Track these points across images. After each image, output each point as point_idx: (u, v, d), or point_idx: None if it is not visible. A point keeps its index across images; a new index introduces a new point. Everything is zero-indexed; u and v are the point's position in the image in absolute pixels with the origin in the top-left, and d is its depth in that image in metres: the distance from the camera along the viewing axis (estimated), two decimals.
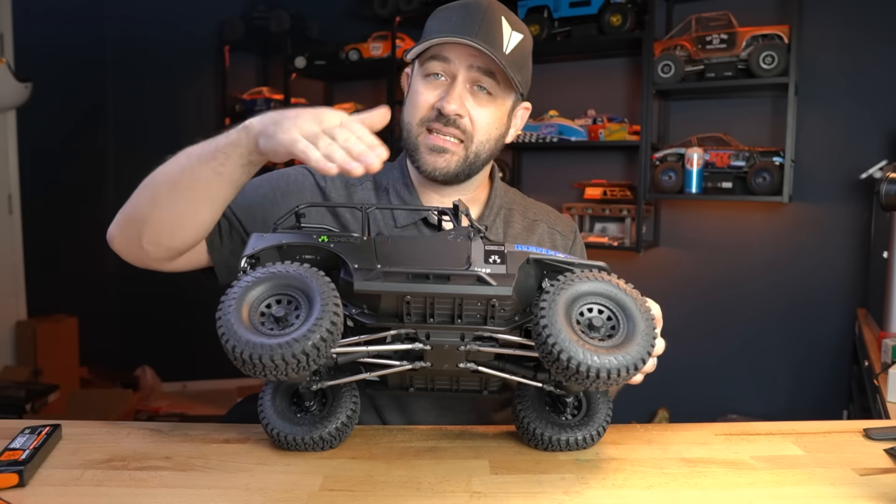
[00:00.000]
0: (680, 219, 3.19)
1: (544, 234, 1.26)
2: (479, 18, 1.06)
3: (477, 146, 1.12)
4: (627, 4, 2.95)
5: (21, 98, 3.22)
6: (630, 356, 0.76)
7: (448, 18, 1.09)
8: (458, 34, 1.05)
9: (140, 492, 0.80)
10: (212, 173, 0.93)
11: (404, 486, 0.81)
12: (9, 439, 0.89)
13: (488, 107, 1.11)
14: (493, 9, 1.08)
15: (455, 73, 1.09)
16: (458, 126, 1.10)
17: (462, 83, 1.09)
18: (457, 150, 1.11)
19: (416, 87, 1.13)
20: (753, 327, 3.01)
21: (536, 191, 3.31)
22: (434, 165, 1.12)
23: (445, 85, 1.10)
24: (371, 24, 3.70)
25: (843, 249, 2.81)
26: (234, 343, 0.73)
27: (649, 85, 2.92)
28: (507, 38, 1.07)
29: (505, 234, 1.22)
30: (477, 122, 1.11)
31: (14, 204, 3.51)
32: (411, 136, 1.13)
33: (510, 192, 1.31)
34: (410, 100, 1.14)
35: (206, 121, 4.33)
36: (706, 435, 1.02)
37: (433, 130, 1.11)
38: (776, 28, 2.70)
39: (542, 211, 1.30)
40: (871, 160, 2.64)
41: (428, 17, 1.15)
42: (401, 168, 1.22)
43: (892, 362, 1.60)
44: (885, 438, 1.00)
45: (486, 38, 1.05)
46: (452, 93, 1.08)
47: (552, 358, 0.76)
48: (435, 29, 1.09)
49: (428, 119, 1.11)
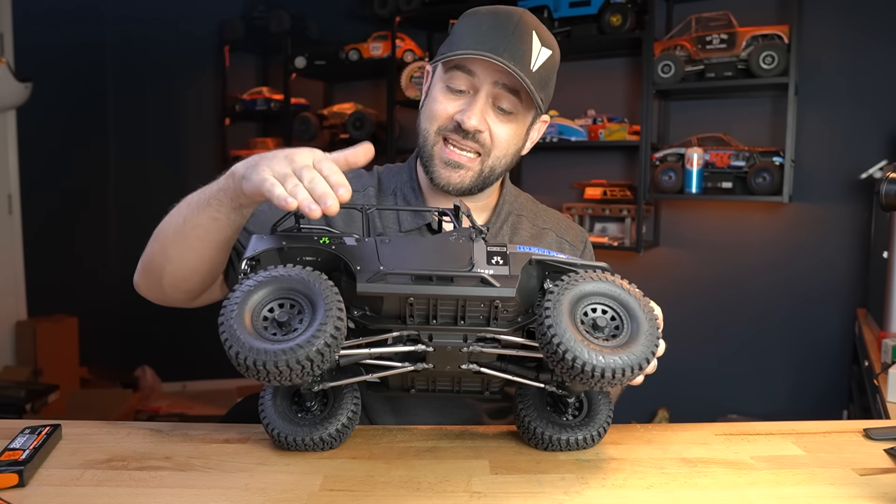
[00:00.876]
0: (680, 219, 3.19)
1: (552, 244, 1.24)
2: (510, 31, 1.03)
3: (493, 161, 1.11)
4: (627, 4, 2.95)
5: (21, 98, 3.22)
6: (634, 356, 0.76)
7: (479, 26, 1.05)
8: (487, 48, 1.02)
9: (140, 492, 0.80)
10: (209, 220, 0.96)
11: (404, 486, 0.81)
12: (9, 439, 0.89)
13: (509, 124, 1.09)
14: (524, 22, 1.05)
15: (479, 87, 1.06)
16: (477, 140, 1.08)
17: (484, 98, 1.06)
18: (472, 165, 1.10)
19: (437, 94, 1.10)
20: (753, 327, 3.01)
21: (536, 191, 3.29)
22: (448, 180, 1.10)
23: (467, 98, 1.07)
24: (371, 24, 3.70)
25: (843, 249, 2.81)
26: (237, 349, 0.73)
27: (649, 85, 2.92)
28: (535, 55, 1.05)
29: (511, 240, 1.20)
30: (496, 138, 1.09)
31: (14, 204, 3.51)
32: (427, 144, 1.11)
33: (521, 197, 1.29)
34: (429, 106, 1.12)
35: (206, 121, 4.33)
36: (706, 435, 1.02)
37: (450, 141, 1.09)
38: (776, 28, 2.70)
39: (552, 219, 1.28)
40: (871, 160, 2.64)
41: (458, 19, 1.12)
42: (409, 172, 1.21)
43: (892, 362, 1.60)
44: (885, 438, 1.00)
45: (514, 55, 1.02)
46: (474, 107, 1.06)
47: (557, 358, 0.76)
48: (464, 36, 1.05)
49: (446, 129, 1.09)
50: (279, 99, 4.05)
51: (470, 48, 1.03)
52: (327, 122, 3.90)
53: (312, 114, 3.92)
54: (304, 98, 4.09)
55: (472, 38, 1.04)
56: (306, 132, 3.87)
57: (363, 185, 1.21)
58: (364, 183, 1.22)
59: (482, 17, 1.07)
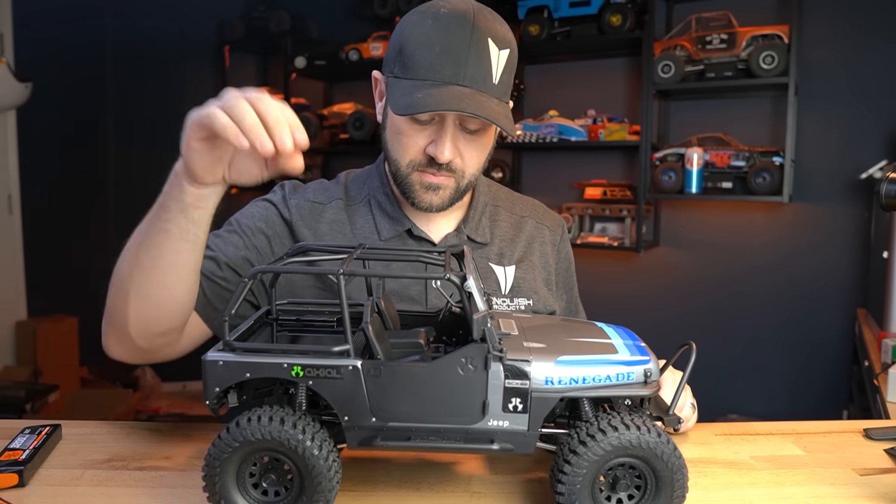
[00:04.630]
0: (680, 219, 3.19)
1: (533, 231, 1.24)
2: (466, 48, 0.96)
3: (469, 178, 1.09)
4: (627, 4, 2.95)
5: (21, 98, 3.22)
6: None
7: (431, 48, 0.97)
8: (443, 78, 0.96)
9: (140, 492, 0.80)
10: (161, 235, 0.87)
11: (404, 486, 0.81)
12: (9, 439, 0.89)
13: (478, 140, 1.06)
14: (478, 29, 0.97)
15: (444, 116, 1.01)
16: (451, 168, 1.05)
17: (452, 127, 1.02)
18: (449, 183, 1.07)
19: (401, 125, 1.04)
20: (753, 327, 3.01)
21: (536, 191, 3.31)
22: (430, 202, 1.08)
23: (433, 127, 1.03)
24: (371, 24, 3.71)
25: (843, 249, 2.81)
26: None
27: (649, 85, 2.91)
28: (495, 65, 0.99)
29: (492, 234, 1.20)
30: (467, 159, 1.06)
31: (14, 204, 3.51)
32: (402, 176, 1.07)
33: (493, 187, 1.28)
34: (395, 137, 1.06)
35: None
36: (706, 435, 1.02)
37: (426, 173, 1.07)
38: (776, 28, 2.70)
39: (529, 206, 1.28)
40: (871, 160, 2.64)
41: (403, 22, 1.04)
42: (380, 177, 1.17)
43: (892, 362, 1.61)
44: (885, 438, 1.00)
45: (475, 77, 0.97)
46: (444, 141, 1.01)
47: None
48: (417, 59, 0.98)
49: (419, 163, 1.05)
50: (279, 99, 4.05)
51: (427, 85, 0.97)
52: (327, 122, 3.89)
53: (312, 114, 3.92)
54: (304, 98, 4.08)
55: (427, 66, 0.97)
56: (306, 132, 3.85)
57: (329, 197, 1.17)
58: (330, 195, 1.17)
59: (433, 34, 0.98)
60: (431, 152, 1.03)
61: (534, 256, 1.21)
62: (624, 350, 0.76)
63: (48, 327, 3.49)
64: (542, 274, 1.21)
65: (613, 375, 0.73)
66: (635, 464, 0.70)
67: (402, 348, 0.78)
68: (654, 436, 0.69)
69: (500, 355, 0.70)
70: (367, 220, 1.15)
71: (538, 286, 1.19)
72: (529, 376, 0.71)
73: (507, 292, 1.16)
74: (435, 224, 1.16)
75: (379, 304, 0.84)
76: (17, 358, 3.46)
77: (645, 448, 0.69)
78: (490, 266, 1.16)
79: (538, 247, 1.23)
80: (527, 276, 1.18)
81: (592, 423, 0.71)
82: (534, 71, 3.42)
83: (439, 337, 0.89)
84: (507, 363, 0.71)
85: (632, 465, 0.71)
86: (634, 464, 0.70)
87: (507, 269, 1.17)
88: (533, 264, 1.20)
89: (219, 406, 0.73)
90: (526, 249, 1.21)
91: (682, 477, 0.70)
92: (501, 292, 1.15)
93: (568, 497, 0.70)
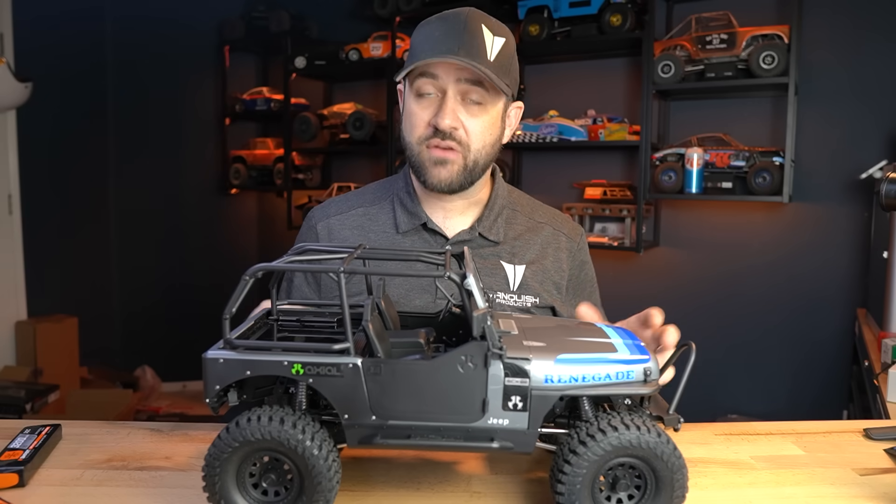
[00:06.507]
0: (680, 219, 3.19)
1: (549, 237, 1.27)
2: (460, 30, 1.09)
3: (475, 154, 1.15)
4: (627, 4, 2.95)
5: (21, 98, 3.22)
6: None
7: (431, 34, 1.12)
8: (441, 51, 1.08)
9: (140, 492, 0.80)
10: None
11: (404, 486, 0.81)
12: (9, 439, 0.89)
13: (480, 115, 1.14)
14: (472, 19, 1.11)
15: (444, 87, 1.12)
16: (455, 138, 1.13)
17: (453, 97, 1.12)
18: (456, 158, 1.14)
19: (410, 106, 1.16)
20: (753, 327, 3.01)
21: (536, 191, 3.30)
22: (438, 177, 1.14)
23: (437, 101, 1.13)
24: (371, 24, 3.71)
25: (843, 249, 2.81)
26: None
27: (649, 85, 2.91)
28: (490, 45, 1.10)
29: (505, 234, 1.23)
30: (472, 132, 1.14)
31: (14, 204, 3.51)
32: (413, 154, 1.17)
33: (514, 193, 1.32)
34: (407, 119, 1.18)
35: (206, 121, 4.33)
36: (706, 435, 1.02)
37: (432, 144, 1.15)
38: (776, 28, 2.70)
39: (548, 214, 1.32)
40: (871, 160, 2.64)
41: (413, 33, 1.18)
42: (405, 178, 1.26)
43: (892, 362, 1.61)
44: (885, 438, 1.00)
45: (469, 50, 1.08)
46: (445, 108, 1.11)
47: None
48: (420, 45, 1.12)
49: (427, 137, 1.14)
50: (279, 99, 4.05)
51: (428, 55, 1.09)
52: (327, 122, 3.90)
53: (312, 114, 3.92)
54: (304, 98, 4.09)
55: (429, 46, 1.10)
56: (306, 132, 3.87)
57: (349, 206, 1.27)
58: (351, 205, 1.28)
59: (433, 26, 1.13)
60: (434, 122, 1.12)
61: (546, 261, 1.25)
62: (623, 349, 0.76)
63: (48, 327, 3.49)
64: (553, 277, 1.24)
65: (613, 374, 0.73)
66: (635, 464, 0.71)
67: (402, 348, 0.78)
68: (654, 436, 0.69)
69: (500, 353, 0.70)
70: (388, 216, 1.24)
71: (548, 288, 1.23)
72: (529, 374, 0.71)
73: (516, 289, 1.20)
74: (451, 220, 1.22)
75: (379, 304, 0.85)
76: (17, 358, 3.46)
77: (645, 448, 0.69)
78: (500, 263, 1.21)
79: (552, 252, 1.26)
80: (536, 276, 1.22)
81: (592, 423, 0.71)
82: (534, 71, 3.42)
83: (439, 337, 0.89)
84: (507, 361, 0.71)
85: (632, 465, 0.71)
86: (634, 464, 0.71)
87: (517, 268, 1.22)
88: (545, 267, 1.24)
89: (219, 404, 0.74)
90: (539, 253, 1.25)
91: (682, 477, 0.70)
92: (510, 288, 1.20)
93: (568, 497, 0.70)
